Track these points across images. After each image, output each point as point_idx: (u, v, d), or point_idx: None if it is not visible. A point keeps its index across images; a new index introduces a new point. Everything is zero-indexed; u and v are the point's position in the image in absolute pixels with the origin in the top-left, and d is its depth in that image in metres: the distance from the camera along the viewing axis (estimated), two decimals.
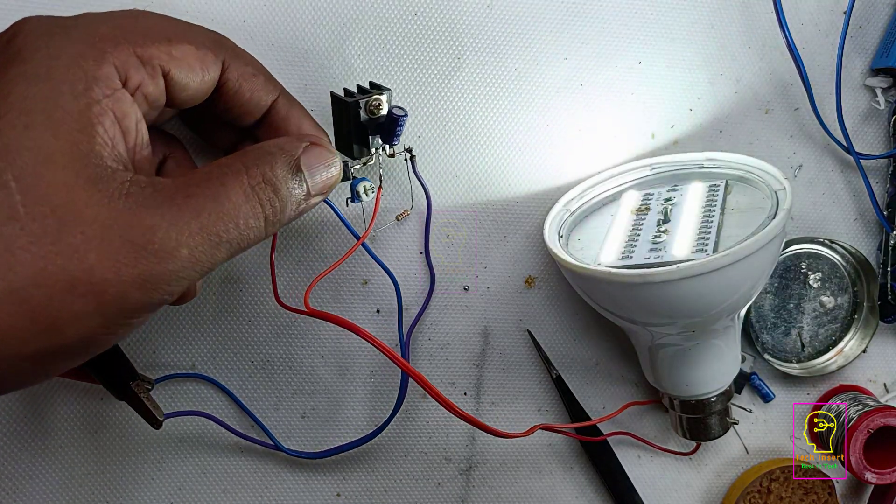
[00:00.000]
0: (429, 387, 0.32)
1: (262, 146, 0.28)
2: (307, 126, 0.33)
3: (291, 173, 0.28)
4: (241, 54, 0.29)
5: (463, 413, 0.33)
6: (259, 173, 0.27)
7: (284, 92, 0.32)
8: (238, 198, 0.26)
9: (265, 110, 0.31)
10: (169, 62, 0.26)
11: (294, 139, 0.30)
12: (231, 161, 0.27)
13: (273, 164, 0.27)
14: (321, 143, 0.30)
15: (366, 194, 0.38)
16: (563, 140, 0.44)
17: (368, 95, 0.36)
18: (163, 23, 0.27)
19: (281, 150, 0.28)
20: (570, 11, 0.43)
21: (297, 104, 0.33)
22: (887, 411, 0.45)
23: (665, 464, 0.48)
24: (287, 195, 0.28)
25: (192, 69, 0.27)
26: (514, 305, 0.45)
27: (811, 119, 0.46)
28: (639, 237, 0.39)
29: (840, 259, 0.48)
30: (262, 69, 0.31)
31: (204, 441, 0.42)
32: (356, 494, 0.44)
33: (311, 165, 0.29)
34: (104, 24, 0.25)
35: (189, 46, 0.27)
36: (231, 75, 0.29)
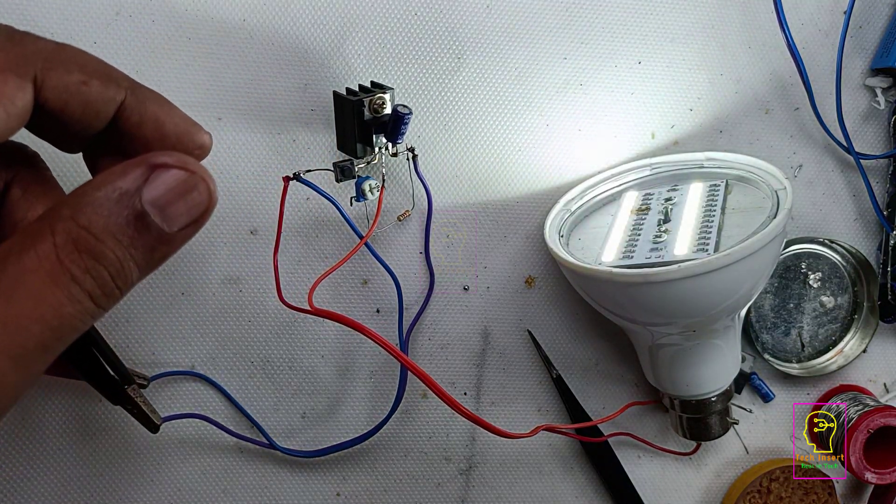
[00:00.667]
0: (434, 385, 0.32)
1: (78, 191, 0.21)
2: (169, 124, 0.25)
3: (128, 220, 0.20)
4: (62, 62, 0.22)
5: (467, 412, 0.33)
6: (68, 238, 0.19)
7: (135, 90, 0.25)
8: (39, 285, 0.19)
9: (110, 118, 0.24)
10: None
11: (128, 166, 0.21)
12: (37, 226, 0.20)
13: (89, 217, 0.20)
14: (171, 161, 0.22)
15: (371, 193, 0.38)
16: (563, 140, 0.44)
17: (372, 94, 0.36)
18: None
19: (111, 191, 0.20)
20: (570, 11, 0.43)
21: (153, 101, 0.25)
22: (887, 411, 0.45)
23: (665, 464, 0.48)
24: (120, 256, 0.20)
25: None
26: (514, 305, 0.45)
27: (811, 119, 0.46)
28: (639, 237, 0.39)
29: (840, 259, 0.48)
30: (94, 71, 0.23)
31: (202, 443, 0.42)
32: (356, 494, 0.44)
33: (159, 200, 0.21)
34: None
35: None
36: (50, 94, 0.22)
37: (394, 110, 0.36)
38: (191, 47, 0.39)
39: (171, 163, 0.22)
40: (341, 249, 0.42)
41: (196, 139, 0.25)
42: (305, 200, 0.41)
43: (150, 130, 0.25)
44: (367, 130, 0.36)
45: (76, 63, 0.23)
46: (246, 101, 0.40)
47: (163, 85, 0.39)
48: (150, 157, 0.22)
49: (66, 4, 0.37)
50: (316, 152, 0.41)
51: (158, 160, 0.21)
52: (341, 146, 0.39)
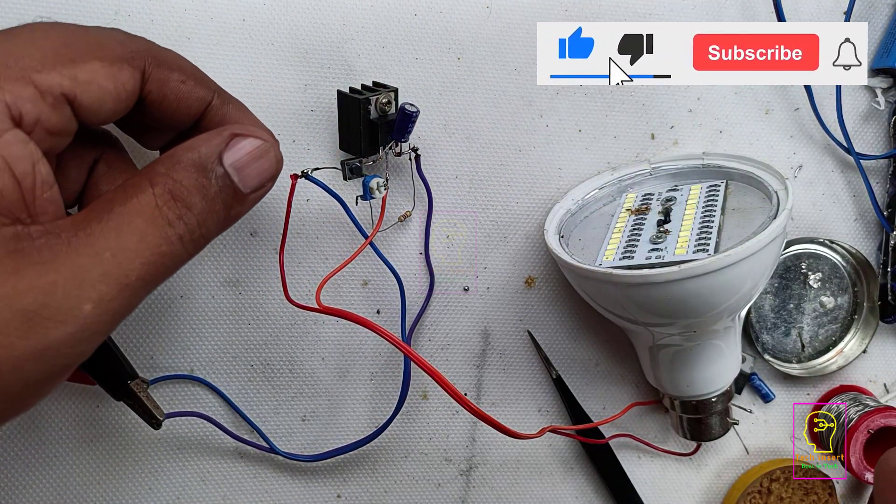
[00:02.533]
0: (442, 381, 0.32)
1: (171, 153, 0.25)
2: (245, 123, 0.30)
3: (209, 177, 0.25)
4: (165, 60, 0.26)
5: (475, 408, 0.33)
6: (169, 187, 0.23)
7: (220, 93, 0.29)
8: (145, 223, 0.22)
9: (198, 115, 0.28)
10: (74, 87, 0.22)
11: (212, 135, 0.26)
12: (138, 179, 0.24)
13: (186, 172, 0.24)
14: (247, 132, 0.27)
15: (378, 191, 0.38)
16: (563, 140, 0.44)
17: (378, 93, 0.35)
18: (66, 39, 0.23)
19: (194, 152, 0.25)
20: (570, 12, 0.43)
21: (234, 105, 0.30)
22: (887, 412, 0.45)
23: (665, 464, 0.48)
24: (205, 206, 0.24)
25: (103, 90, 0.23)
26: (514, 306, 0.45)
27: (811, 119, 0.46)
28: (639, 237, 0.39)
29: (840, 259, 0.48)
30: (192, 73, 0.27)
31: (202, 448, 0.42)
32: (356, 496, 0.44)
33: (237, 160, 0.26)
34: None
35: (99, 64, 0.23)
36: (153, 86, 0.25)
37: (401, 108, 0.35)
38: (191, 47, 0.39)
39: (247, 132, 0.26)
40: (342, 250, 0.42)
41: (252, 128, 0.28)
42: (306, 202, 0.41)
43: None
44: (373, 129, 0.36)
45: (177, 63, 0.27)
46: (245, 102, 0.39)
47: None
48: (229, 126, 0.27)
49: (65, 4, 0.37)
50: (316, 153, 0.41)
51: (237, 129, 0.26)
52: (344, 146, 0.39)
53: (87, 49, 0.23)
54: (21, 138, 0.21)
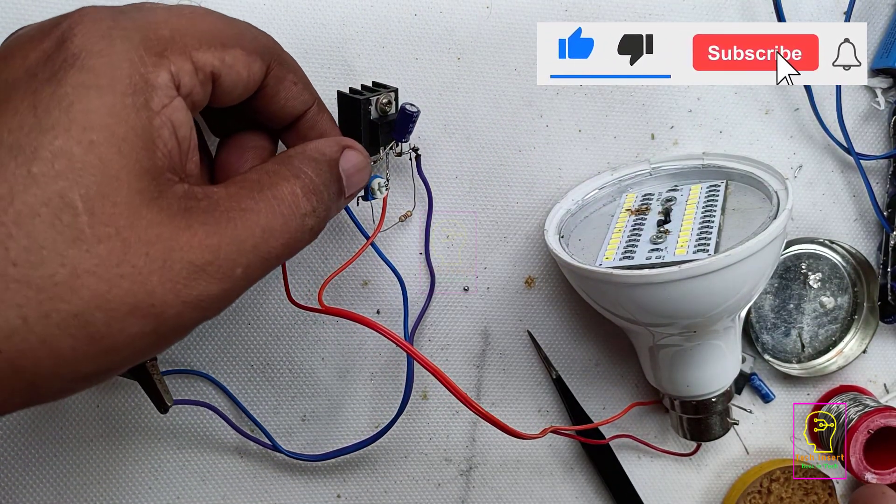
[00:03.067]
0: (444, 379, 0.31)
1: (305, 151, 0.28)
2: (329, 132, 0.32)
3: (333, 178, 0.28)
4: (285, 60, 0.29)
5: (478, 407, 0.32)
6: (308, 182, 0.27)
7: (319, 101, 0.31)
8: (289, 210, 0.26)
9: (296, 117, 0.31)
10: (220, 68, 0.25)
11: (332, 142, 0.29)
12: (279, 168, 0.27)
13: (319, 171, 0.27)
14: (356, 147, 0.31)
15: (380, 191, 0.38)
16: (563, 140, 0.44)
17: (378, 93, 0.35)
18: (218, 24, 0.26)
19: (324, 155, 0.28)
20: (570, 12, 0.43)
21: (327, 114, 0.32)
22: (887, 412, 0.45)
23: (665, 464, 0.48)
24: (330, 202, 0.28)
25: (239, 75, 0.26)
26: (514, 306, 0.45)
27: (811, 119, 0.46)
28: (639, 237, 0.39)
29: (840, 259, 0.48)
30: (302, 77, 0.30)
31: (202, 447, 0.42)
32: (356, 496, 0.44)
33: (348, 169, 0.30)
34: (163, 27, 0.24)
35: (240, 52, 0.26)
36: (271, 81, 0.28)
37: (402, 109, 0.35)
38: None
39: (355, 146, 0.31)
40: (342, 250, 0.42)
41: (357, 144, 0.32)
42: None
43: (314, 134, 0.31)
44: (373, 130, 0.36)
45: (293, 65, 0.29)
46: None
47: None
48: (341, 139, 0.30)
49: (64, 4, 0.37)
50: None
51: (347, 142, 0.30)
52: None
53: (233, 37, 0.26)
54: (183, 105, 0.24)
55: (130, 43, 0.22)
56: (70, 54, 0.22)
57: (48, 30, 0.22)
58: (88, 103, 0.21)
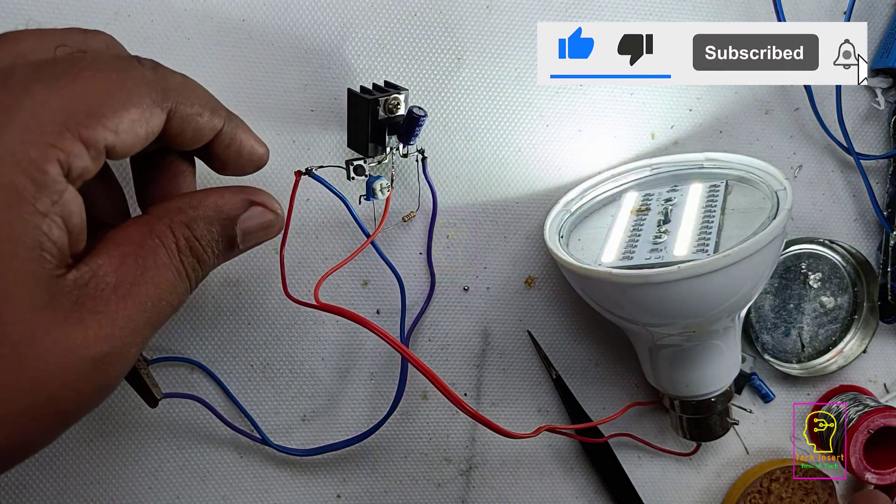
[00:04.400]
0: (438, 382, 0.31)
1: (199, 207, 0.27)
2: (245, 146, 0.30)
3: (224, 237, 0.27)
4: (186, 96, 0.26)
5: (471, 410, 0.32)
6: (187, 245, 0.26)
7: (229, 119, 0.29)
8: (172, 277, 0.25)
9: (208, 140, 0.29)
10: (115, 139, 0.23)
11: (237, 199, 0.28)
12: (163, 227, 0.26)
13: (208, 231, 0.27)
14: (263, 202, 0.29)
15: (381, 192, 0.38)
16: (563, 140, 0.44)
17: (387, 94, 0.35)
18: (105, 87, 0.23)
19: (220, 214, 0.27)
20: (570, 11, 0.43)
21: (239, 130, 0.30)
22: (887, 412, 0.45)
23: (665, 464, 0.48)
24: (212, 262, 0.27)
25: (137, 136, 0.24)
26: (514, 306, 0.45)
27: (811, 119, 0.46)
28: (639, 237, 0.39)
29: (840, 259, 0.48)
30: (206, 104, 0.28)
31: (202, 447, 0.42)
32: (356, 496, 0.44)
33: (248, 229, 0.28)
34: (43, 110, 0.22)
35: (135, 111, 0.24)
36: (175, 122, 0.26)
37: (409, 112, 0.35)
38: (190, 47, 0.39)
39: (266, 203, 0.29)
40: (342, 250, 0.42)
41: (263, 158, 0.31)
42: (305, 202, 0.41)
43: (232, 151, 0.29)
44: (380, 130, 0.36)
45: (196, 96, 0.27)
46: (245, 102, 0.40)
47: None
48: (249, 193, 0.29)
49: (64, 4, 0.37)
50: (315, 153, 0.41)
51: (257, 198, 0.29)
52: (352, 144, 0.39)
53: (126, 97, 0.24)
54: (74, 194, 0.23)
55: (11, 131, 0.21)
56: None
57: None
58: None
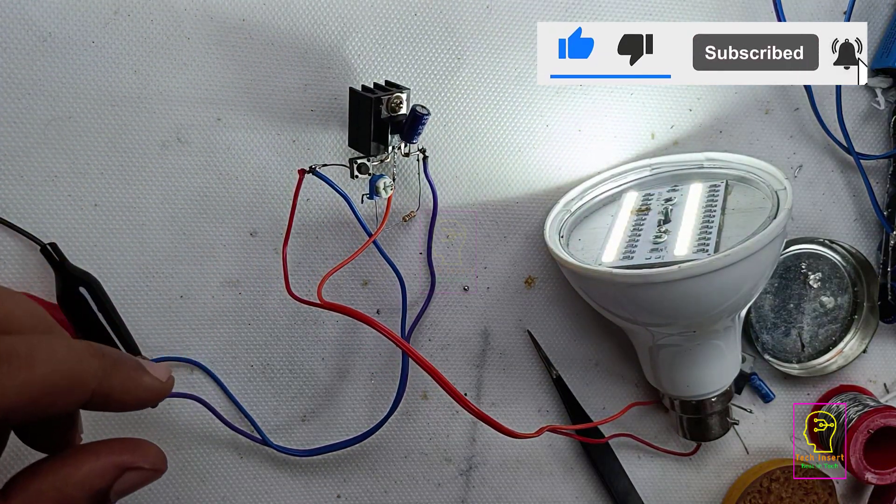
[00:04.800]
0: (441, 379, 0.31)
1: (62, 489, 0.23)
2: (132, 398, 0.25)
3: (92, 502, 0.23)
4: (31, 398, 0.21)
5: (474, 408, 0.32)
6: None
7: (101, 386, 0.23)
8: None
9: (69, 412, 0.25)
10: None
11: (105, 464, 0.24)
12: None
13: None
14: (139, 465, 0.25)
15: (384, 191, 0.38)
16: (563, 140, 0.44)
17: (390, 93, 0.35)
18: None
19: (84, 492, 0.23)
20: (570, 11, 0.43)
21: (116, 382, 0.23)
22: (887, 411, 0.45)
23: (665, 464, 0.48)
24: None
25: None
26: (514, 305, 0.45)
27: (811, 119, 0.46)
28: (639, 237, 0.39)
29: (840, 259, 0.48)
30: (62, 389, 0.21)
31: (202, 448, 0.42)
32: (356, 496, 0.44)
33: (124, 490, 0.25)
34: None
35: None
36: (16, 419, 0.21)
37: (412, 110, 0.35)
38: (190, 47, 0.39)
39: (144, 466, 0.25)
40: (342, 250, 0.42)
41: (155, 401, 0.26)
42: (306, 202, 0.41)
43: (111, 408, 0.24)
44: (382, 129, 0.36)
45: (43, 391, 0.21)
46: (245, 102, 0.40)
47: (161, 85, 0.39)
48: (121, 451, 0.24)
49: (64, 3, 0.37)
50: (316, 152, 0.41)
51: (134, 463, 0.24)
52: (353, 143, 0.39)
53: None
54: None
55: None
56: None
57: None
58: None
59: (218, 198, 0.40)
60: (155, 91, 0.39)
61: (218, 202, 0.40)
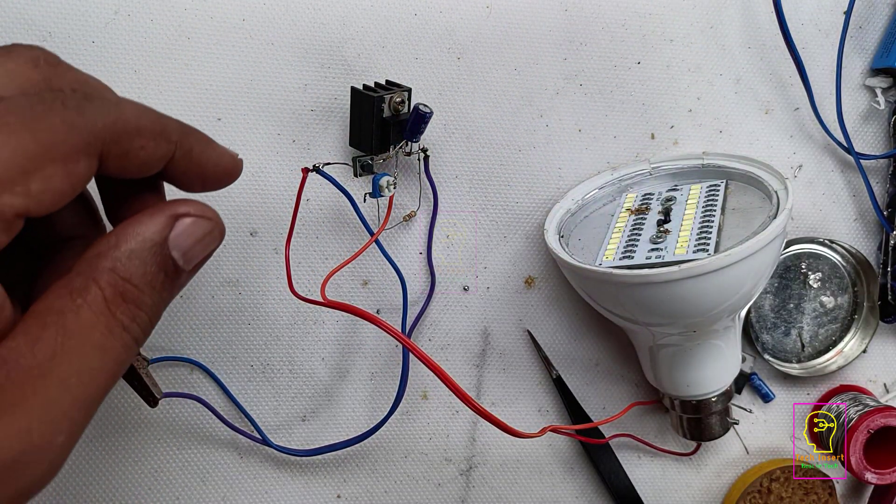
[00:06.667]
0: (444, 375, 0.31)
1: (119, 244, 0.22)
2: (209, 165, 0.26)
3: (159, 266, 0.23)
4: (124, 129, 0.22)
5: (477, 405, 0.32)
6: (115, 292, 0.21)
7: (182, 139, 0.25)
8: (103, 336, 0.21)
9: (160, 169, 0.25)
10: (28, 204, 0.20)
11: (158, 219, 0.23)
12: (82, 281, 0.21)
13: (135, 267, 0.22)
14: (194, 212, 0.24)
15: (388, 189, 0.38)
16: (563, 140, 0.44)
17: (392, 92, 0.35)
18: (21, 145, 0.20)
19: (144, 242, 0.22)
20: (570, 12, 0.43)
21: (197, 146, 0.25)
22: (887, 411, 0.45)
23: (665, 464, 0.48)
24: (154, 300, 0.23)
25: (57, 192, 0.20)
26: (514, 305, 0.45)
27: (811, 119, 0.46)
28: (639, 237, 0.39)
29: (840, 259, 0.48)
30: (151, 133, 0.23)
31: (202, 448, 0.42)
32: (356, 496, 0.44)
33: (184, 244, 0.24)
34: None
35: (54, 167, 0.20)
36: (112, 162, 0.22)
37: (415, 109, 0.35)
38: (190, 47, 0.39)
39: (192, 212, 0.24)
40: (342, 249, 0.42)
41: (232, 170, 0.27)
42: (306, 202, 0.41)
43: (193, 172, 0.25)
44: (384, 128, 0.36)
45: (136, 127, 0.23)
46: (245, 102, 0.40)
47: (161, 85, 0.39)
48: (170, 207, 0.24)
49: (64, 3, 0.37)
50: (316, 152, 0.41)
51: (180, 210, 0.24)
52: (355, 143, 0.39)
53: (43, 151, 0.20)
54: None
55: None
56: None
57: None
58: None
59: (218, 197, 0.40)
60: (155, 91, 0.39)
61: (218, 202, 0.40)
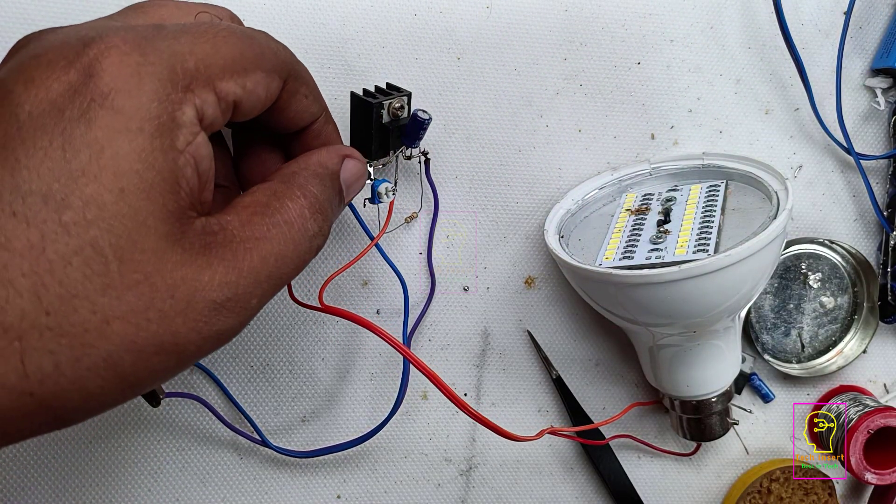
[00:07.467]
0: (440, 383, 0.31)
1: (308, 167, 0.28)
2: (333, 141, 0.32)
3: (335, 192, 0.29)
4: (300, 74, 0.28)
5: (473, 412, 0.32)
6: (314, 201, 0.27)
7: (327, 112, 0.31)
8: (299, 234, 0.26)
9: (303, 127, 0.30)
10: (242, 95, 0.25)
11: (333, 154, 0.30)
12: (285, 189, 0.27)
13: (323, 187, 0.28)
14: (355, 155, 0.31)
15: (387, 195, 0.38)
16: (563, 140, 0.44)
17: (391, 97, 0.35)
18: (240, 47, 0.25)
19: (326, 170, 0.29)
20: (570, 12, 0.43)
21: (332, 123, 0.32)
22: (887, 412, 0.45)
23: (665, 464, 0.48)
24: (333, 216, 0.28)
25: (258, 98, 0.26)
26: (514, 306, 0.45)
27: (811, 119, 0.46)
28: (639, 237, 0.39)
29: (840, 259, 0.48)
30: (314, 88, 0.30)
31: (202, 448, 0.42)
32: (356, 496, 0.44)
33: (347, 179, 0.30)
34: (189, 58, 0.23)
35: (261, 74, 0.26)
36: (284, 95, 0.28)
37: (414, 115, 0.35)
38: None
39: (353, 154, 0.31)
40: (342, 251, 0.42)
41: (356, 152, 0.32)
42: None
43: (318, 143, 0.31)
44: (384, 133, 0.36)
45: (306, 77, 0.29)
46: None
47: None
48: (340, 149, 0.30)
49: (64, 3, 0.37)
50: None
51: (346, 152, 0.30)
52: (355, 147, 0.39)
53: (254, 59, 0.25)
54: (206, 140, 0.24)
55: (159, 80, 0.22)
56: (99, 93, 0.21)
57: (72, 57, 0.21)
58: (119, 148, 0.21)
59: None
60: None
61: None
